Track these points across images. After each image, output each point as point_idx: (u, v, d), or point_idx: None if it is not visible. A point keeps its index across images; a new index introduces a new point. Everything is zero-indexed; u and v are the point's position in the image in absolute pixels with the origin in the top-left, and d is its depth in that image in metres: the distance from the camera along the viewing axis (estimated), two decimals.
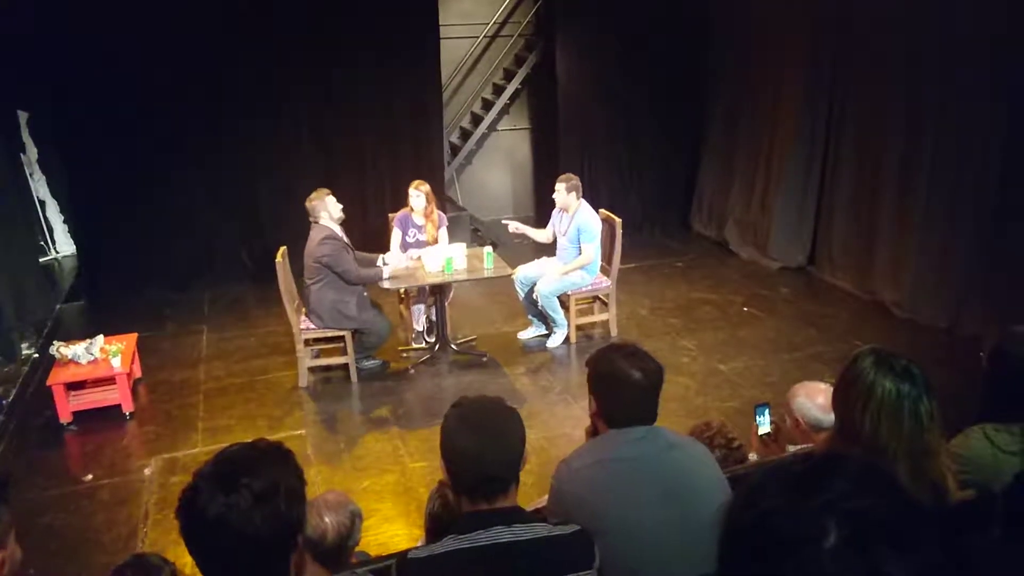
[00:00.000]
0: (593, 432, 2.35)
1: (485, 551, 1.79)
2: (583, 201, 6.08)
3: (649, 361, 2.21)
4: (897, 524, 0.86)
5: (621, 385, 2.17)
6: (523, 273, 6.25)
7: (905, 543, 0.85)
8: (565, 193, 6.01)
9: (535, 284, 6.16)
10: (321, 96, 8.01)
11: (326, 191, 5.61)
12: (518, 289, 6.33)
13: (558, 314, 6.20)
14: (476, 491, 1.86)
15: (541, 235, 6.39)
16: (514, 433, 1.90)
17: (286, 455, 1.54)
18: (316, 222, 5.55)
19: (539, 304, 6.17)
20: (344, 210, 5.68)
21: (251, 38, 7.60)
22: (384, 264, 5.77)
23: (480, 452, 1.84)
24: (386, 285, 5.72)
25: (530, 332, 6.47)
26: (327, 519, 2.40)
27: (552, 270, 6.14)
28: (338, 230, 5.59)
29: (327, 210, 5.53)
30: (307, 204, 5.57)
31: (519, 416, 1.96)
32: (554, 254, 6.32)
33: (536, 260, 6.39)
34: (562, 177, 6.11)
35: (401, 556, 1.86)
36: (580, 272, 6.12)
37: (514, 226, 6.36)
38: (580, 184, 6.08)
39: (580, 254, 6.07)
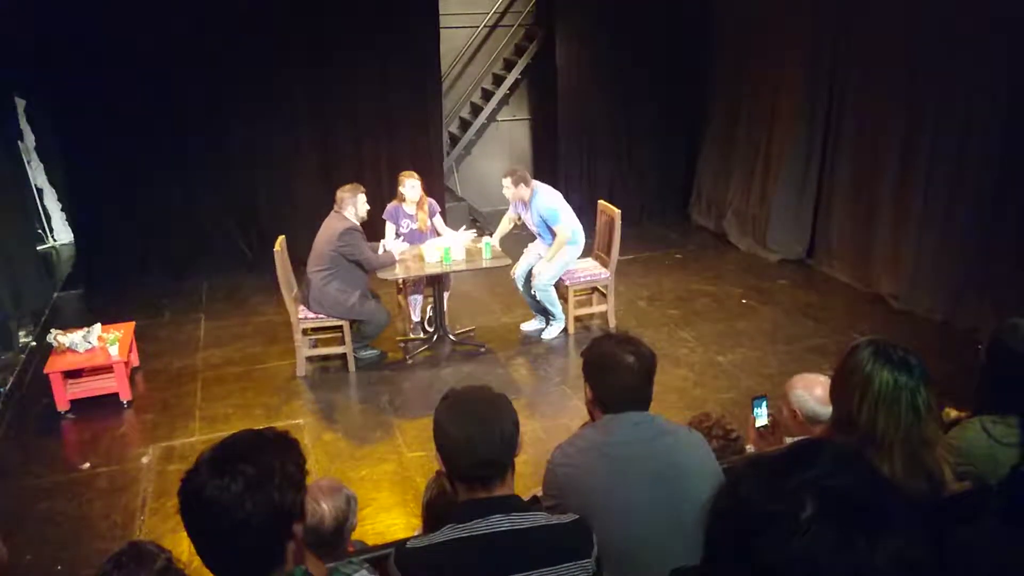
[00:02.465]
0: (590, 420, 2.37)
1: (484, 540, 1.79)
2: (535, 185, 6.00)
3: (641, 346, 2.27)
4: (873, 503, 0.88)
5: (614, 370, 2.21)
6: (520, 270, 6.24)
7: (881, 522, 0.86)
8: (513, 187, 5.94)
9: (528, 280, 6.14)
10: (320, 85, 7.97)
11: (361, 188, 5.68)
12: (519, 287, 6.32)
13: (556, 307, 6.20)
14: (472, 478, 1.86)
15: (508, 223, 6.34)
16: (504, 415, 1.89)
17: (290, 444, 1.56)
18: (339, 212, 5.56)
19: (537, 298, 6.16)
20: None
21: (250, 27, 7.55)
22: (386, 250, 5.79)
23: (472, 436, 1.84)
24: (385, 275, 5.72)
25: (532, 324, 6.46)
26: (324, 505, 2.41)
27: (540, 279, 6.08)
28: (355, 224, 5.61)
29: (355, 206, 5.58)
30: (338, 193, 5.61)
31: (508, 400, 1.96)
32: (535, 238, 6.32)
33: (525, 250, 6.35)
34: (505, 173, 6.03)
35: (399, 545, 1.85)
36: (567, 249, 6.05)
37: (496, 240, 6.23)
38: (526, 173, 6.00)
39: (554, 237, 6.01)
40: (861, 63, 6.90)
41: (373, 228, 6.47)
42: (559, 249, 6.02)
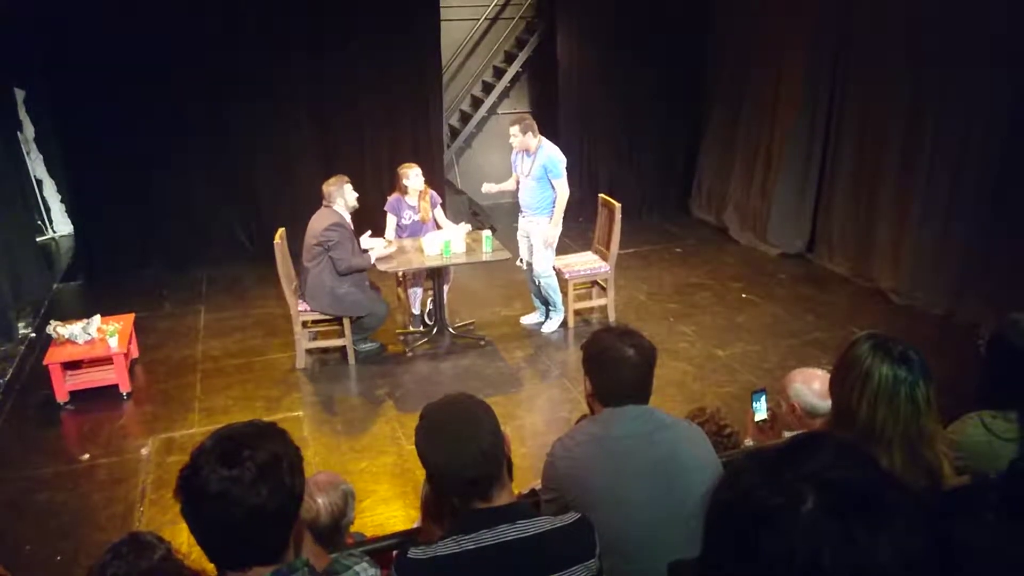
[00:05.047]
0: (589, 414, 2.37)
1: (491, 551, 1.76)
2: (543, 138, 5.95)
3: (642, 339, 2.25)
4: (875, 496, 0.87)
5: (615, 363, 2.19)
6: (524, 255, 6.22)
7: (883, 515, 0.86)
8: (522, 135, 5.83)
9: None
10: (320, 77, 7.96)
11: (345, 178, 5.65)
12: (529, 279, 6.30)
13: (558, 296, 6.18)
14: (467, 496, 1.83)
15: (511, 184, 6.27)
16: (481, 430, 1.83)
17: (283, 432, 1.58)
18: (328, 206, 5.55)
19: (541, 286, 6.13)
20: None
21: (251, 18, 7.54)
22: (365, 250, 5.76)
23: (451, 459, 1.80)
24: (384, 267, 5.71)
25: (532, 317, 6.46)
26: (319, 500, 2.39)
27: (537, 243, 6.02)
28: (348, 218, 5.59)
29: (343, 197, 5.57)
30: (324, 188, 5.59)
31: (486, 408, 1.90)
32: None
33: (518, 237, 6.30)
34: (513, 119, 5.96)
35: (400, 554, 1.81)
36: (555, 229, 5.99)
37: (487, 187, 6.27)
38: (534, 122, 5.91)
39: (551, 191, 5.93)
40: (862, 57, 6.88)
41: (375, 220, 6.47)
42: (561, 209, 5.96)
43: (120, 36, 7.13)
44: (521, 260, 6.27)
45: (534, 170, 5.92)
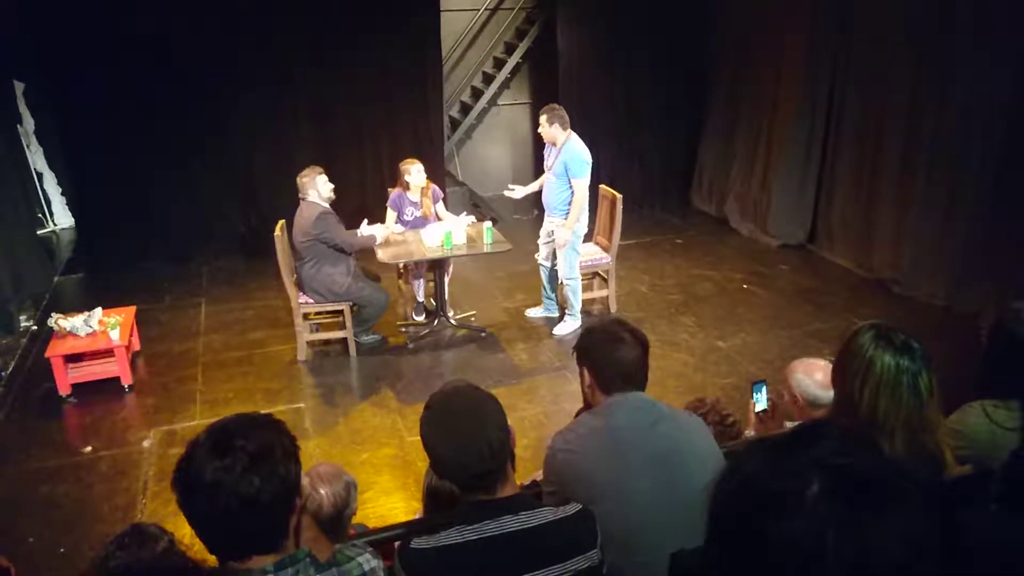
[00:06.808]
0: (587, 407, 2.37)
1: (494, 541, 1.77)
2: (571, 132, 5.63)
3: (632, 326, 2.34)
4: (879, 481, 0.88)
5: (611, 344, 2.23)
6: (542, 252, 6.16)
7: (887, 499, 0.86)
8: (548, 125, 5.55)
9: (553, 266, 6.08)
10: (320, 69, 7.93)
11: (319, 169, 5.59)
12: (543, 273, 6.24)
13: (578, 299, 6.04)
14: (471, 488, 1.85)
15: (538, 184, 6.10)
16: (489, 424, 1.83)
17: (277, 421, 1.58)
18: (304, 199, 5.53)
19: (564, 290, 6.02)
20: (342, 185, 5.67)
21: (251, 11, 7.50)
22: (363, 234, 5.74)
23: (459, 454, 1.81)
24: (385, 259, 5.70)
25: (538, 311, 6.42)
26: (322, 491, 2.40)
27: (559, 246, 5.86)
28: (327, 207, 5.57)
29: (316, 189, 5.51)
30: (298, 180, 5.55)
31: (493, 402, 1.90)
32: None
33: (541, 231, 6.18)
34: (544, 109, 5.66)
35: (403, 545, 1.82)
36: (569, 233, 5.74)
37: (515, 191, 6.04)
38: (564, 114, 5.60)
39: (569, 190, 5.65)
40: (863, 47, 6.86)
41: (375, 214, 6.45)
42: (577, 212, 5.67)
43: (121, 30, 7.09)
44: (536, 256, 6.21)
45: (556, 165, 5.67)
